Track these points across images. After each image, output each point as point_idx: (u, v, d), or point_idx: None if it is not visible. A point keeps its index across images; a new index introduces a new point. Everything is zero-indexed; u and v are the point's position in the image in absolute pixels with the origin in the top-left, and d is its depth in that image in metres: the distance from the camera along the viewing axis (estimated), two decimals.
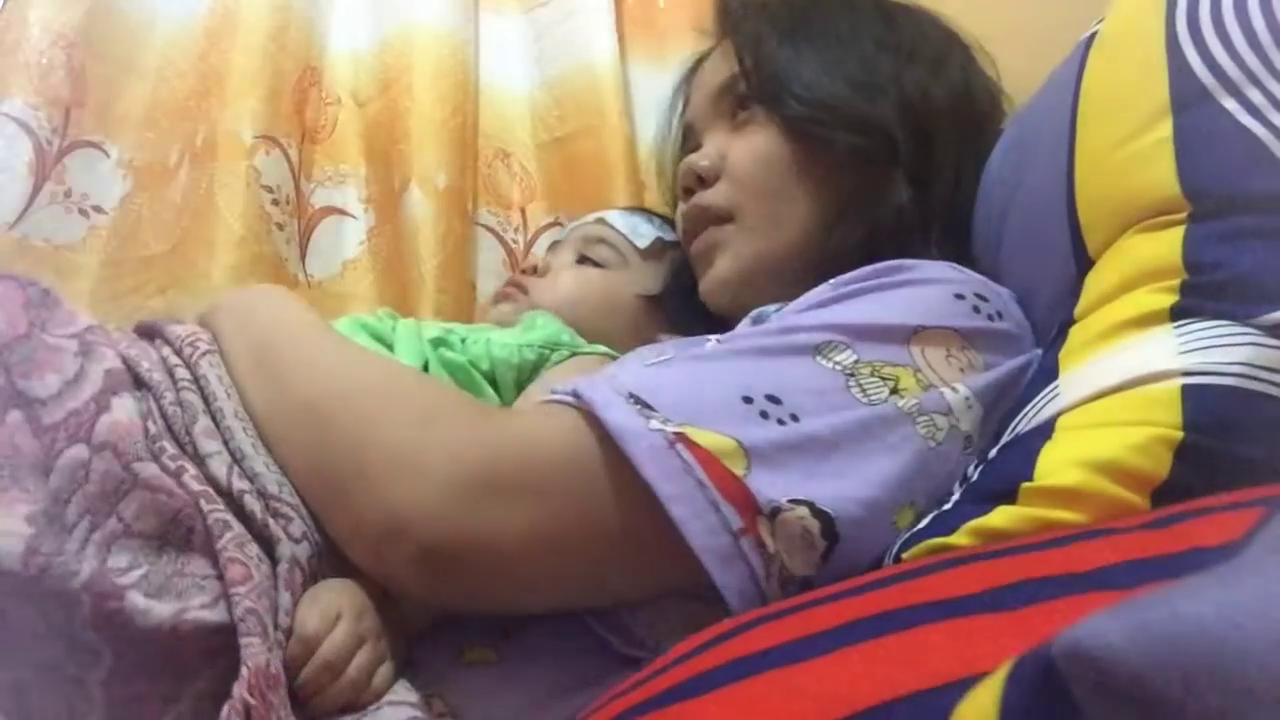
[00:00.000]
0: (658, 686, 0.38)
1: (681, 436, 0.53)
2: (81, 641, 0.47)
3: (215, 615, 0.50)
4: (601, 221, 1.01)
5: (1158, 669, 0.21)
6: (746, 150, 0.83)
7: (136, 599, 0.48)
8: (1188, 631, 0.21)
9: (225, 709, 0.46)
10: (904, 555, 0.54)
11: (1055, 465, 0.51)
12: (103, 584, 0.48)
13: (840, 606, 0.40)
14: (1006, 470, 0.54)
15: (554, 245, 1.07)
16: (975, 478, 0.57)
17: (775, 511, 0.52)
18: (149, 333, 0.70)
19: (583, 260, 0.98)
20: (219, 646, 0.50)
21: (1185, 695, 0.20)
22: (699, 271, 0.87)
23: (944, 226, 0.79)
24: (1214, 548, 0.33)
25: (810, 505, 0.53)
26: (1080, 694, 0.22)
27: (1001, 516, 0.51)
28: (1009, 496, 0.52)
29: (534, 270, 1.00)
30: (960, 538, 0.52)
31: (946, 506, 0.56)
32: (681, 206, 0.88)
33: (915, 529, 0.56)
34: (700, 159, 0.85)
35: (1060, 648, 0.22)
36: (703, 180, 0.85)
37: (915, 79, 0.81)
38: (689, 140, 0.93)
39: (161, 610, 0.49)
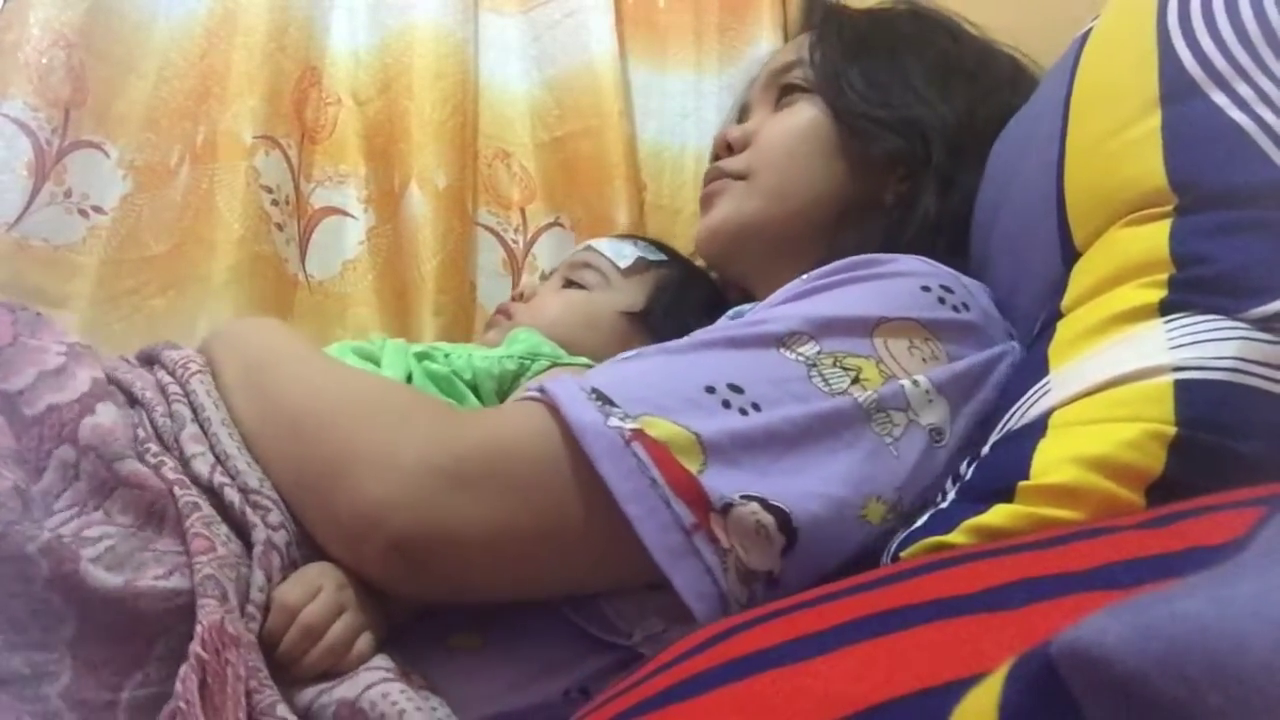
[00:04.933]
0: (656, 686, 0.38)
1: (639, 433, 0.54)
2: (45, 604, 0.49)
3: (170, 583, 0.52)
4: (588, 248, 1.03)
5: (1157, 668, 0.21)
6: (779, 124, 0.88)
7: (87, 565, 0.50)
8: (1187, 631, 0.21)
9: (183, 667, 0.48)
10: (902, 554, 0.54)
11: (1051, 463, 0.51)
12: (58, 548, 0.49)
13: (840, 606, 0.40)
14: (1002, 468, 0.54)
15: (548, 274, 1.09)
16: (970, 475, 0.57)
17: (727, 507, 0.53)
18: (149, 360, 0.72)
19: (568, 285, 1.01)
20: (181, 610, 0.51)
21: (1185, 695, 0.20)
22: (701, 219, 0.92)
23: (950, 236, 0.80)
24: (1214, 547, 0.33)
25: (762, 500, 0.54)
26: (1080, 694, 0.22)
27: (999, 515, 0.51)
28: (1006, 495, 0.52)
29: (520, 297, 1.02)
30: (958, 536, 0.52)
31: (943, 505, 0.57)
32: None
33: (913, 528, 0.56)
34: (733, 130, 0.91)
35: (1060, 647, 0.22)
36: (731, 149, 0.90)
37: (967, 96, 0.83)
38: (741, 117, 0.97)
39: (112, 578, 0.50)
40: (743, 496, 0.54)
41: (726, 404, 0.57)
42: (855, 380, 0.59)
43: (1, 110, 0.99)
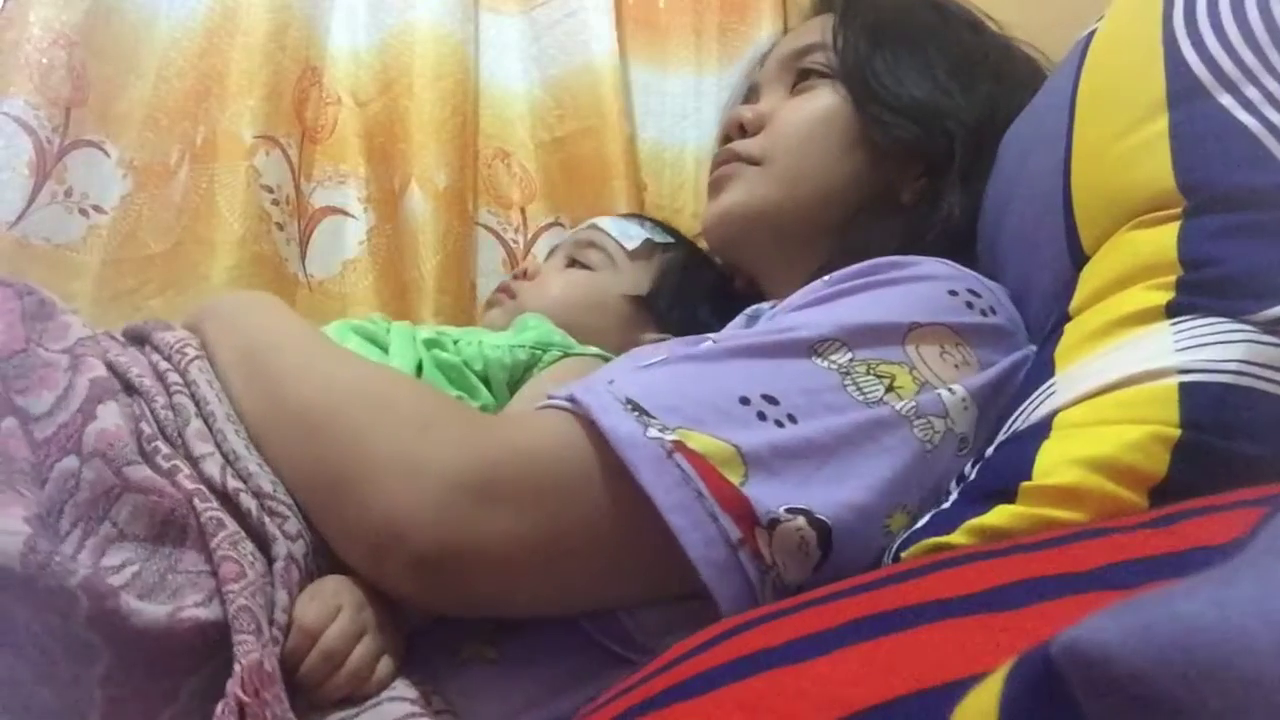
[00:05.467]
0: (658, 686, 0.38)
1: (680, 445, 0.52)
2: (79, 640, 0.47)
3: (209, 613, 0.50)
4: (593, 227, 1.02)
5: (1158, 669, 0.21)
6: (798, 109, 0.85)
7: (130, 600, 0.48)
8: (1188, 631, 0.21)
9: (220, 706, 0.46)
10: (903, 554, 0.54)
11: (1054, 464, 0.51)
12: (98, 584, 0.47)
13: (840, 606, 0.40)
14: (1005, 469, 0.54)
15: (551, 251, 1.08)
16: (973, 476, 0.57)
17: (774, 523, 0.52)
18: (138, 338, 0.69)
19: (572, 264, 0.99)
20: (214, 643, 0.50)
21: (1185, 695, 0.20)
22: (708, 202, 0.88)
23: (959, 233, 0.79)
24: (1215, 547, 0.33)
25: (808, 514, 0.52)
26: (1080, 694, 0.22)
27: (1001, 515, 0.51)
28: (1008, 495, 0.52)
29: (524, 275, 1.01)
30: (959, 537, 0.52)
31: (945, 505, 0.56)
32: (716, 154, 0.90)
33: (914, 528, 0.56)
34: (747, 110, 0.88)
35: (1060, 647, 0.22)
36: (744, 130, 0.87)
37: (989, 92, 0.82)
38: (749, 98, 0.95)
39: (155, 610, 0.49)
40: (788, 510, 0.52)
41: (762, 415, 0.55)
42: (890, 389, 0.58)
43: (2, 109, 0.99)
